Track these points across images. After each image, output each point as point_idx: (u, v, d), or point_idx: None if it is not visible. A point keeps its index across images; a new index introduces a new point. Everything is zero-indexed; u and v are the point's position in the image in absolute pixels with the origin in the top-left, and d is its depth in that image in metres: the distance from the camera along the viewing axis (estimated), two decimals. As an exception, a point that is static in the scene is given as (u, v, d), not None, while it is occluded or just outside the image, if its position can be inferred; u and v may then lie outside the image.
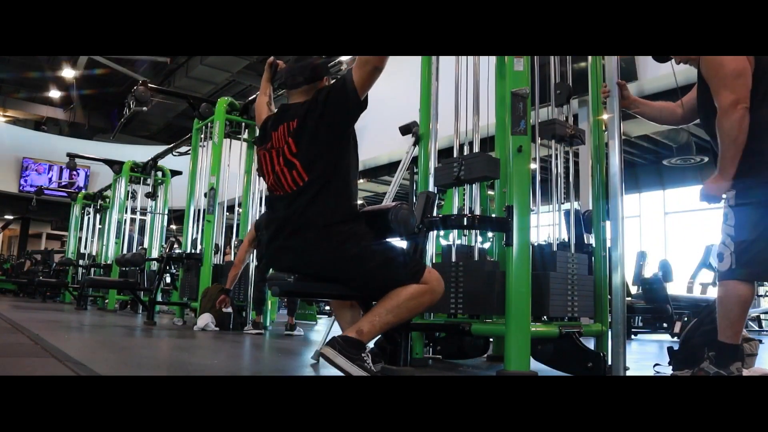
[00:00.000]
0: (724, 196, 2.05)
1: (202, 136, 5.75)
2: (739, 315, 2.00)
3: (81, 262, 9.35)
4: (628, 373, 2.27)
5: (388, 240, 1.99)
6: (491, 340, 3.06)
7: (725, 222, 2.04)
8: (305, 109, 1.96)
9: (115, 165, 8.21)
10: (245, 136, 5.60)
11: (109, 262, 7.72)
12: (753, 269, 1.98)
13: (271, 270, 2.18)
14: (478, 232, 2.90)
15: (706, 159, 8.31)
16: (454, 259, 2.69)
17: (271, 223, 2.03)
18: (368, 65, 1.84)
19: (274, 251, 1.98)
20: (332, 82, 2.04)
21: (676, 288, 6.90)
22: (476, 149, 2.69)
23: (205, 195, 5.37)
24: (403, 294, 1.87)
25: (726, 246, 2.01)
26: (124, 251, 7.66)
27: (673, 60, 2.30)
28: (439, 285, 1.93)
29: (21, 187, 14.71)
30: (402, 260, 1.93)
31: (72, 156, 8.85)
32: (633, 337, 6.33)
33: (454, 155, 2.77)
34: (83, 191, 11.20)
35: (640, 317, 6.60)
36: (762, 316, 7.72)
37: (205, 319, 4.40)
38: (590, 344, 2.59)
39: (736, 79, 1.95)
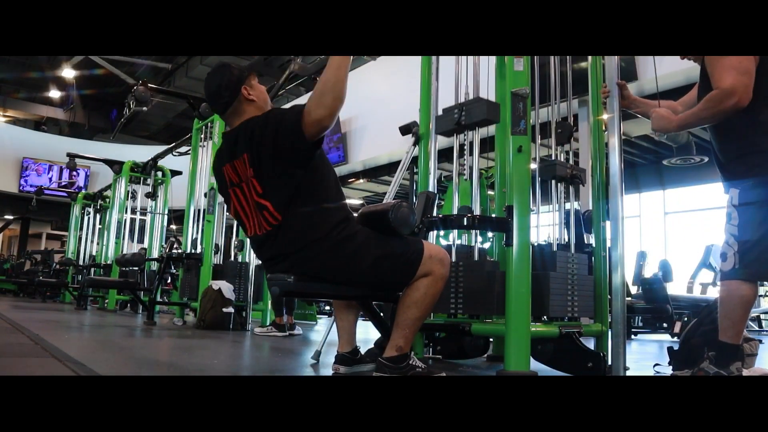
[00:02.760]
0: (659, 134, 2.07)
1: (202, 136, 5.74)
2: (741, 315, 1.99)
3: (81, 258, 9.34)
4: (628, 373, 2.27)
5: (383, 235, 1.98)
6: (491, 340, 3.06)
7: (729, 221, 2.03)
8: (255, 143, 1.86)
9: (115, 165, 8.21)
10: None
11: (109, 262, 7.72)
12: (756, 269, 1.98)
13: None
14: (478, 232, 2.90)
15: (707, 159, 8.31)
16: (454, 259, 2.69)
17: (262, 258, 2.05)
18: (317, 126, 1.77)
19: (271, 267, 1.99)
20: (281, 118, 1.85)
21: (676, 288, 6.90)
22: (476, 149, 2.68)
23: (205, 195, 5.37)
24: (414, 296, 1.94)
25: (729, 246, 2.01)
26: (125, 251, 7.66)
27: (655, 63, 2.30)
28: (442, 266, 1.96)
29: (21, 187, 14.71)
30: (399, 251, 1.94)
31: (72, 156, 8.84)
32: (633, 337, 6.33)
33: (454, 155, 2.77)
34: (83, 191, 11.20)
35: (640, 317, 6.60)
36: (762, 316, 7.72)
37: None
38: (590, 344, 2.59)
39: (742, 74, 1.94)
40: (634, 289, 6.67)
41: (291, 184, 1.86)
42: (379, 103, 8.51)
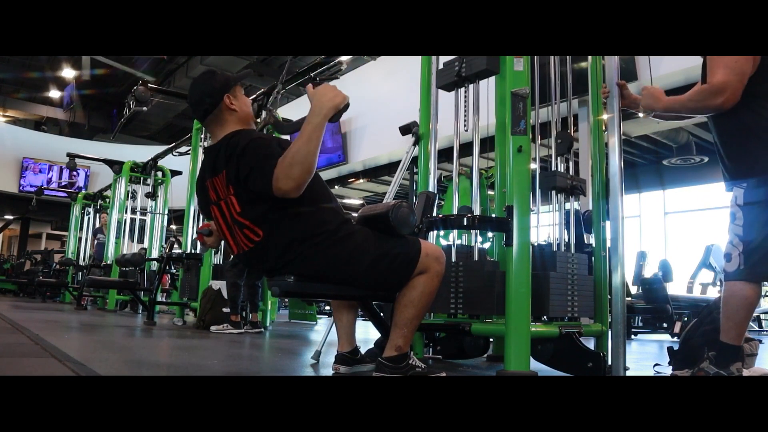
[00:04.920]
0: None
1: (202, 136, 5.74)
2: (744, 317, 1.99)
3: (81, 257, 9.34)
4: (628, 373, 2.27)
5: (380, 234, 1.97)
6: (491, 340, 3.07)
7: (733, 221, 2.02)
8: (233, 165, 1.82)
9: (115, 165, 8.20)
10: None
11: (108, 262, 7.72)
12: (761, 270, 1.96)
13: None
14: (478, 232, 2.90)
15: (707, 159, 8.32)
16: (454, 259, 2.69)
17: (255, 270, 2.02)
18: (282, 193, 1.72)
19: (269, 270, 1.97)
20: (255, 162, 1.78)
21: (676, 288, 6.91)
22: (476, 149, 2.68)
23: (205, 195, 5.37)
24: (411, 295, 1.94)
25: (734, 246, 2.00)
26: (125, 251, 7.66)
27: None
28: (438, 264, 1.96)
29: (21, 187, 14.71)
30: (397, 250, 1.93)
31: (72, 156, 8.85)
32: (633, 337, 6.34)
33: (454, 155, 2.77)
34: (83, 191, 11.20)
35: (640, 317, 6.60)
36: (762, 316, 7.72)
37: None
38: (590, 344, 2.59)
39: (734, 74, 1.93)
40: (634, 289, 6.67)
41: (266, 203, 1.83)
42: (379, 103, 8.51)
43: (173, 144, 7.83)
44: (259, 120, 3.01)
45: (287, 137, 2.47)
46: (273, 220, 1.84)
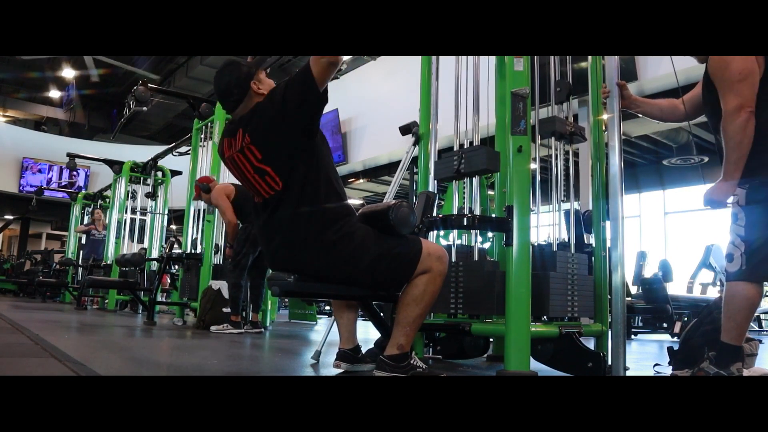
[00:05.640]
0: (729, 200, 2.05)
1: (202, 136, 5.75)
2: (746, 317, 1.99)
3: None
4: (628, 373, 2.27)
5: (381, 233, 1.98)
6: (491, 340, 3.07)
7: (735, 222, 2.02)
8: (261, 113, 1.90)
9: (115, 165, 8.21)
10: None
11: (109, 262, 7.72)
12: (763, 270, 1.97)
13: (270, 270, 2.18)
14: (478, 232, 2.90)
15: (706, 159, 8.31)
16: (454, 259, 2.69)
17: (261, 229, 2.05)
18: (323, 59, 1.78)
19: (272, 255, 1.99)
20: (286, 79, 1.93)
21: (676, 288, 6.90)
22: (476, 149, 2.68)
23: (205, 195, 5.37)
24: (413, 294, 1.95)
25: (736, 246, 2.00)
26: (125, 251, 7.66)
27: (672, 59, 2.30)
28: (440, 263, 1.98)
29: (21, 187, 14.71)
30: (397, 250, 1.94)
31: (72, 156, 8.85)
32: (633, 337, 6.34)
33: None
34: (83, 191, 11.20)
35: (640, 317, 6.60)
36: (762, 316, 7.72)
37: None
38: (590, 344, 2.59)
39: (741, 82, 1.94)
40: (634, 289, 6.67)
41: (291, 148, 1.87)
42: (379, 103, 8.51)
43: (173, 144, 7.83)
44: None
45: None
46: (295, 177, 1.87)
